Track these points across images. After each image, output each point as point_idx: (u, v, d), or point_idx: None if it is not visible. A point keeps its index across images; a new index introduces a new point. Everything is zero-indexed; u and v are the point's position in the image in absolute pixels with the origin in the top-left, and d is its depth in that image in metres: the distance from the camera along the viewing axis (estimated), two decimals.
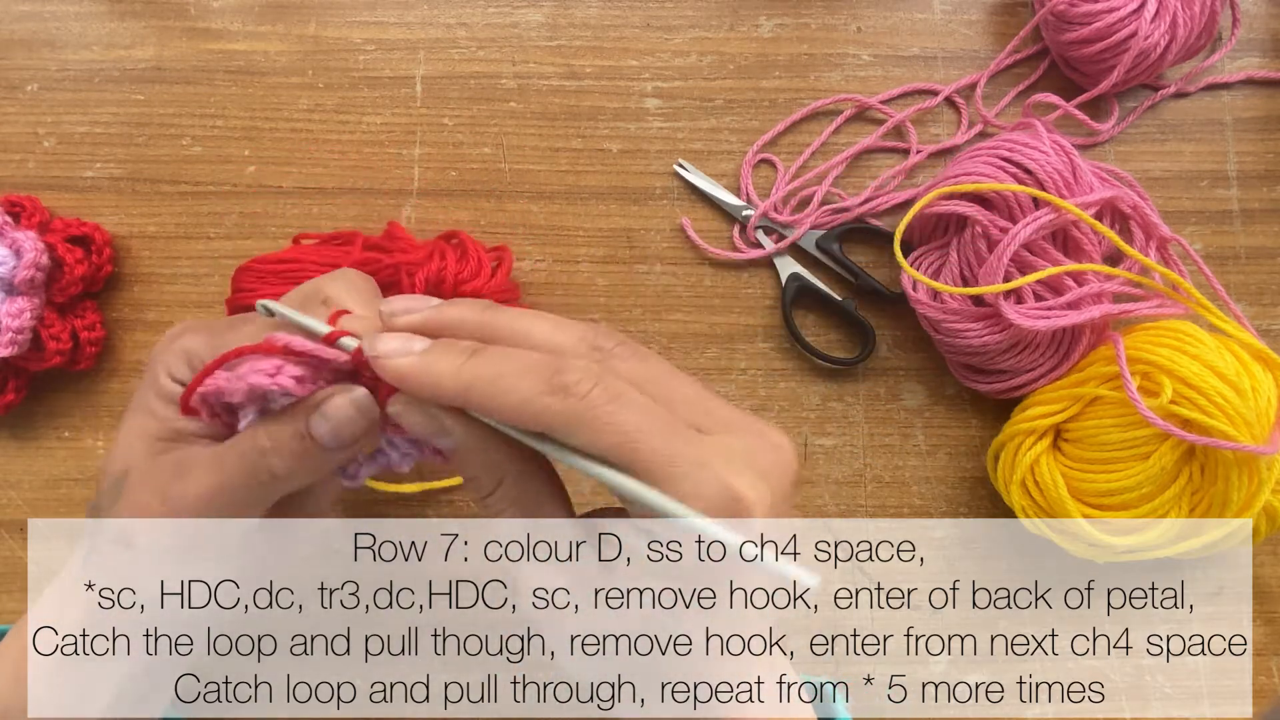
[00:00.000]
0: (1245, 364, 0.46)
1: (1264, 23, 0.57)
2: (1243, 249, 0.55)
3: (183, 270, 0.54)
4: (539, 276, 0.54)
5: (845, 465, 0.53)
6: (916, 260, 0.52)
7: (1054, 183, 0.48)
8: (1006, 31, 0.56)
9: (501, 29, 0.56)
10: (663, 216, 0.54)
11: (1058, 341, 0.49)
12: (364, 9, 0.56)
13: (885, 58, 0.56)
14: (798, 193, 0.55)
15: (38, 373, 0.51)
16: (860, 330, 0.53)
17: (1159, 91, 0.55)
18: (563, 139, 0.55)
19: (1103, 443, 0.47)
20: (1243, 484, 0.45)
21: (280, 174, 0.54)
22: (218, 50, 0.55)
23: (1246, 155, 0.55)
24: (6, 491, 0.52)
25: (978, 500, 0.53)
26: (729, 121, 0.55)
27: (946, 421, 0.53)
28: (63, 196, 0.54)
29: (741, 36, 0.56)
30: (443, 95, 0.55)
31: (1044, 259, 0.48)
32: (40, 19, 0.55)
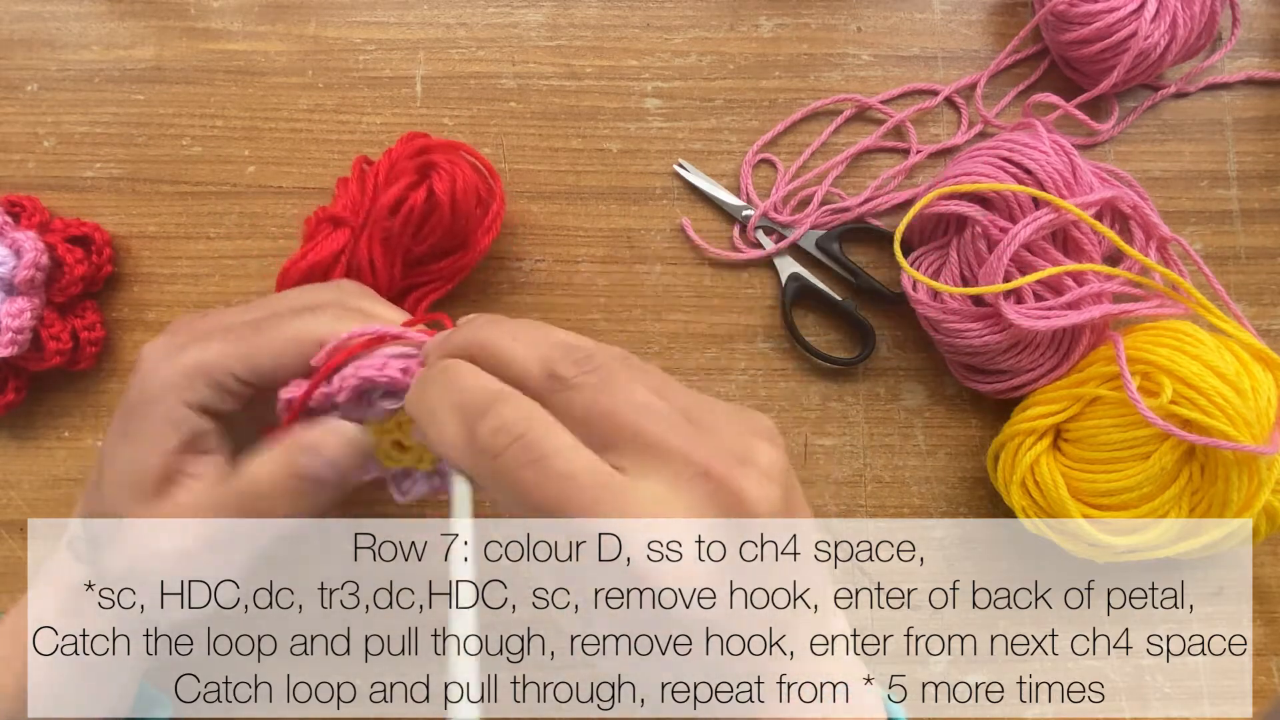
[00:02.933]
0: (1245, 364, 0.46)
1: (1264, 23, 0.57)
2: (1243, 249, 0.55)
3: (183, 270, 0.54)
4: (539, 277, 0.54)
5: (845, 465, 0.53)
6: (916, 260, 0.52)
7: (1054, 183, 0.48)
8: (1006, 31, 0.56)
9: (501, 29, 0.56)
10: (663, 216, 0.54)
11: (1058, 341, 0.49)
12: (364, 9, 0.56)
13: (885, 58, 0.56)
14: (798, 193, 0.55)
15: (38, 373, 0.51)
16: (860, 330, 0.53)
17: (1159, 91, 0.55)
18: (563, 139, 0.55)
19: (1103, 443, 0.47)
20: (1243, 484, 0.45)
21: (280, 174, 0.54)
22: (218, 50, 0.55)
23: (1246, 155, 0.55)
24: (6, 491, 0.52)
25: (978, 500, 0.53)
26: (729, 121, 0.55)
27: (946, 421, 0.53)
28: (63, 196, 0.54)
29: (741, 36, 0.56)
30: (443, 95, 0.55)
31: (1044, 259, 0.48)
32: (40, 19, 0.55)
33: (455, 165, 0.48)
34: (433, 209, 0.48)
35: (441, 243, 0.49)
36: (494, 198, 0.50)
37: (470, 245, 0.50)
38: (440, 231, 0.48)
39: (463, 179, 0.48)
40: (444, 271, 0.50)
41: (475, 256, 0.50)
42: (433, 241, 0.48)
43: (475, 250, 0.50)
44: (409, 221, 0.47)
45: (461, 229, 0.49)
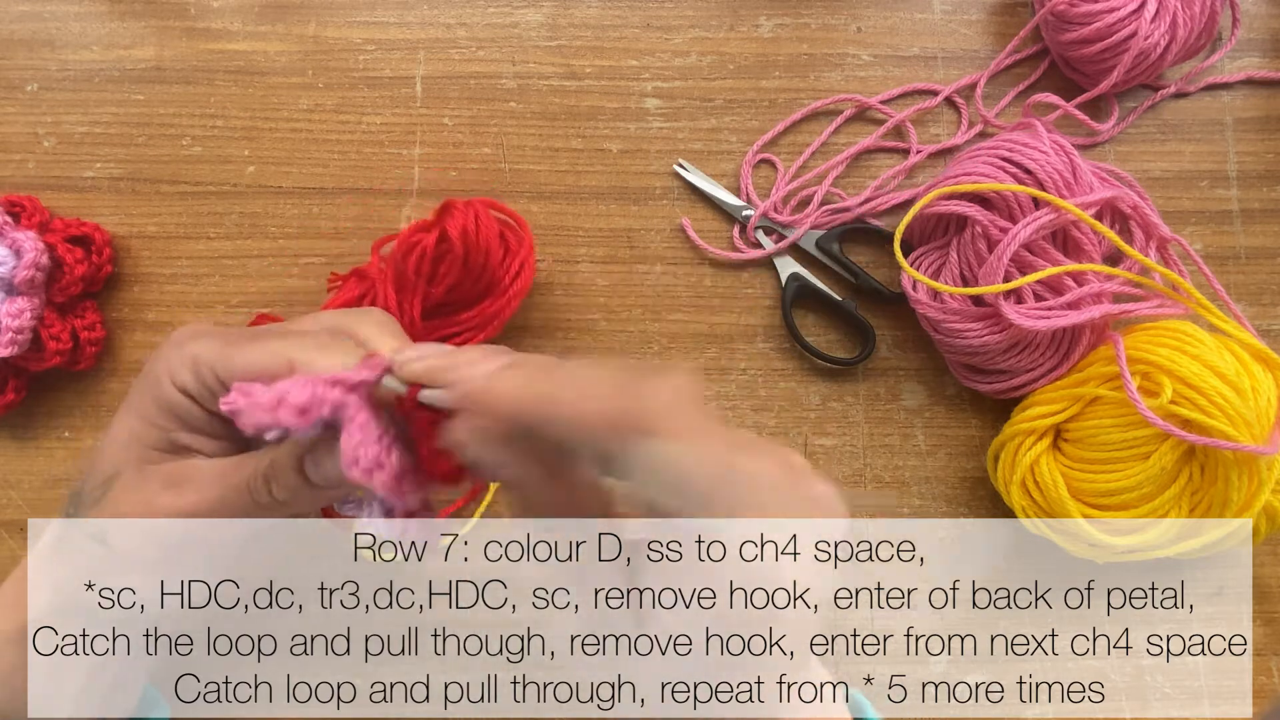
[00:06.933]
0: (1245, 364, 0.46)
1: (1264, 23, 0.57)
2: (1243, 249, 0.55)
3: (183, 270, 0.54)
4: (539, 277, 0.54)
5: (845, 465, 0.53)
6: (916, 260, 0.52)
7: (1054, 183, 0.48)
8: (1006, 31, 0.56)
9: (501, 29, 0.56)
10: (663, 216, 0.54)
11: (1058, 341, 0.49)
12: (364, 9, 0.56)
13: (885, 58, 0.56)
14: (798, 193, 0.55)
15: (38, 373, 0.51)
16: (860, 330, 0.53)
17: (1159, 91, 0.55)
18: (563, 139, 0.55)
19: (1103, 443, 0.47)
20: (1243, 484, 0.45)
21: (280, 174, 0.54)
22: (218, 50, 0.55)
23: (1246, 155, 0.55)
24: (6, 491, 0.52)
25: (978, 500, 0.53)
26: (729, 121, 0.55)
27: (946, 421, 0.53)
28: (63, 196, 0.54)
29: (741, 36, 0.56)
30: (443, 95, 0.55)
31: (1044, 259, 0.48)
32: (40, 19, 0.55)
33: (473, 209, 0.48)
34: (446, 251, 0.48)
35: (464, 288, 0.49)
36: (522, 245, 0.50)
37: (497, 292, 0.50)
38: (455, 273, 0.48)
39: (478, 221, 0.48)
40: (472, 320, 0.50)
41: (506, 305, 0.50)
42: (449, 283, 0.48)
43: (504, 297, 0.50)
44: (422, 262, 0.48)
45: (480, 272, 0.49)
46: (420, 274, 0.48)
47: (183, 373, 0.35)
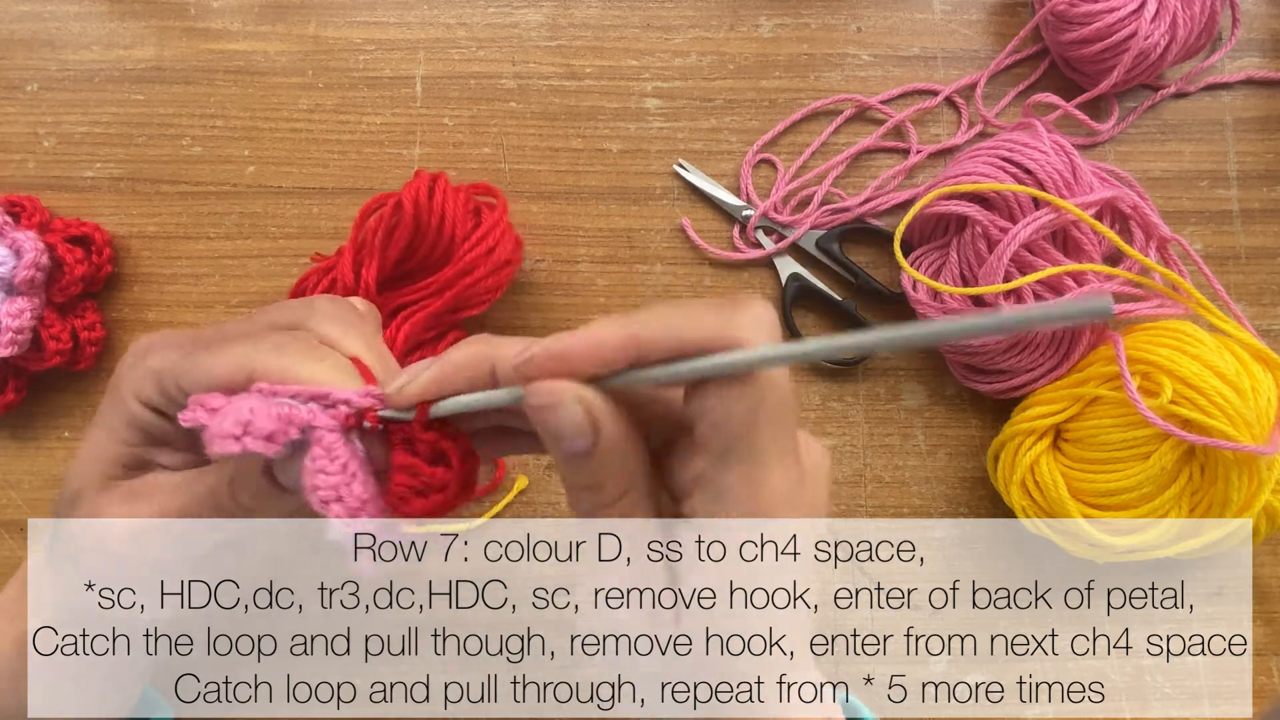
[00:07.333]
0: (1245, 364, 0.46)
1: (1264, 23, 0.57)
2: (1243, 249, 0.55)
3: (182, 270, 0.54)
4: (539, 277, 0.54)
5: (845, 465, 0.53)
6: (916, 260, 0.52)
7: (1054, 183, 0.48)
8: (1006, 31, 0.56)
9: (501, 29, 0.56)
10: (663, 216, 0.54)
11: (1058, 341, 0.49)
12: (364, 9, 0.56)
13: (885, 58, 0.56)
14: (798, 193, 0.55)
15: (38, 373, 0.51)
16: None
17: (1159, 91, 0.55)
18: (563, 139, 0.55)
19: (1103, 443, 0.47)
20: (1243, 484, 0.45)
21: (280, 174, 0.54)
22: (218, 50, 0.55)
23: (1246, 155, 0.55)
24: (6, 491, 0.52)
25: (978, 500, 0.53)
26: (729, 121, 0.55)
27: (946, 421, 0.53)
28: (63, 196, 0.54)
29: (741, 36, 0.56)
30: (443, 95, 0.55)
31: (1044, 259, 0.48)
32: (40, 19, 0.55)
33: (433, 178, 0.49)
34: (400, 219, 0.48)
35: (419, 255, 0.50)
36: (499, 222, 0.50)
37: (454, 259, 0.49)
38: (405, 237, 0.48)
39: (433, 187, 0.48)
40: (429, 288, 0.50)
41: (469, 275, 0.49)
42: (401, 246, 0.49)
43: (460, 263, 0.49)
44: (377, 227, 0.48)
45: (435, 239, 0.49)
46: (377, 240, 0.48)
47: (145, 386, 0.34)
